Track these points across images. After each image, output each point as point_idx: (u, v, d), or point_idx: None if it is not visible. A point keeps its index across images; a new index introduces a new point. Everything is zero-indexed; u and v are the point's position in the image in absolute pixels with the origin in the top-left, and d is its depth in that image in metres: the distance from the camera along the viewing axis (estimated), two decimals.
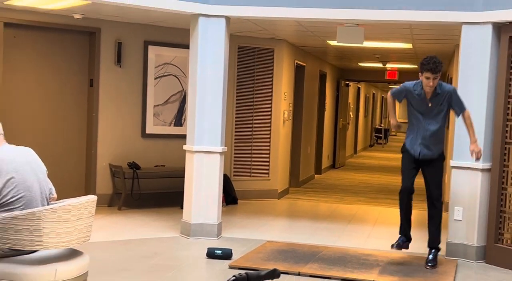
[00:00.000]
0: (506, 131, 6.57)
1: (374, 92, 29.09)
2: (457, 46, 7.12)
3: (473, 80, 6.72)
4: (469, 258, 6.69)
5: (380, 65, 14.79)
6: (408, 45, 10.22)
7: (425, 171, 6.46)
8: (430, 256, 6.41)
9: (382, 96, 34.01)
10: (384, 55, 12.45)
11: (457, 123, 6.83)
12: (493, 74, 6.64)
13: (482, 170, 6.66)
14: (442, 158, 6.50)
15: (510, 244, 6.50)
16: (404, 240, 6.50)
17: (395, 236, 6.49)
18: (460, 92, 6.80)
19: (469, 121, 6.27)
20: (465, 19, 6.71)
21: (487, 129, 6.67)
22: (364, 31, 7.61)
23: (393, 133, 37.83)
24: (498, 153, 6.57)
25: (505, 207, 6.56)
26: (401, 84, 6.48)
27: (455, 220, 6.82)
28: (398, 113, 24.81)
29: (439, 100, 6.22)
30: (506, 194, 6.55)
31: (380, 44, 10.08)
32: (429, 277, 5.93)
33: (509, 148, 6.55)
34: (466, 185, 6.76)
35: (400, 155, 6.56)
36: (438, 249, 6.48)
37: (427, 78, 6.06)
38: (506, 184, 6.55)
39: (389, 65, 14.94)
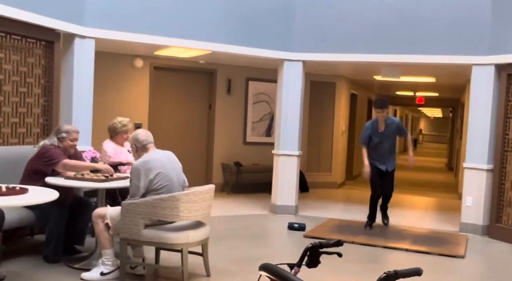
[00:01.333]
0: (504, 142, 6.37)
1: (406, 113, 28.40)
2: (469, 80, 6.90)
3: (481, 105, 6.51)
4: (477, 234, 6.47)
5: (411, 93, 14.45)
6: (432, 79, 9.96)
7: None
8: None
9: (412, 116, 33.15)
10: (415, 86, 12.16)
11: (468, 135, 6.64)
12: (495, 101, 6.44)
13: (487, 170, 6.44)
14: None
15: (507, 224, 6.27)
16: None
17: (422, 216, 6.33)
18: (471, 114, 6.63)
19: (409, 142, 6.81)
20: (474, 62, 6.51)
21: (491, 140, 6.44)
22: (400, 69, 7.48)
23: (420, 143, 36.84)
24: (498, 158, 6.37)
25: (503, 197, 6.34)
26: (362, 130, 6.53)
27: (466, 206, 6.60)
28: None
29: (390, 127, 6.36)
30: (504, 187, 6.34)
31: (412, 78, 9.86)
32: (447, 246, 5.76)
33: (506, 154, 6.33)
34: (475, 180, 6.54)
35: (430, 159, 6.46)
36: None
37: (378, 112, 6.34)
38: (504, 180, 6.34)
39: (418, 93, 14.60)
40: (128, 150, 5.28)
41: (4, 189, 3.49)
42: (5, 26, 4.81)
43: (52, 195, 3.57)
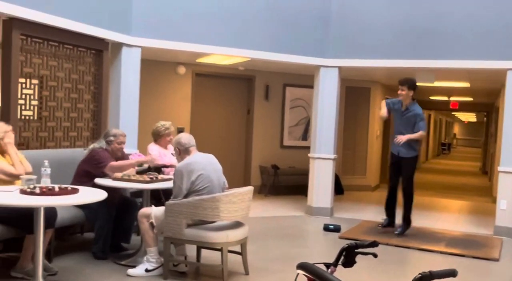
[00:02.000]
0: None
1: (440, 117, 27.78)
2: (503, 85, 6.73)
3: None
4: (511, 237, 6.28)
5: (446, 98, 14.14)
6: (467, 84, 9.74)
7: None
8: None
9: (446, 120, 32.46)
10: (449, 91, 11.91)
11: (503, 139, 6.47)
12: None
13: None
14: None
15: None
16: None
17: (456, 219, 6.15)
18: (506, 119, 6.45)
19: (417, 135, 5.85)
20: (509, 66, 6.36)
21: None
22: (434, 74, 7.35)
23: (454, 147, 36.03)
24: None
25: None
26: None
27: (501, 209, 6.42)
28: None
29: (409, 112, 5.93)
30: None
31: (446, 83, 9.67)
32: (482, 249, 5.62)
33: None
34: (510, 184, 6.36)
35: (464, 163, 6.23)
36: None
37: (398, 89, 5.95)
38: None
39: (452, 98, 14.28)
40: (171, 153, 5.35)
41: (57, 189, 3.59)
42: (59, 36, 4.96)
43: (100, 195, 3.65)
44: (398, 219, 6.17)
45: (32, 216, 3.55)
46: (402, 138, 5.82)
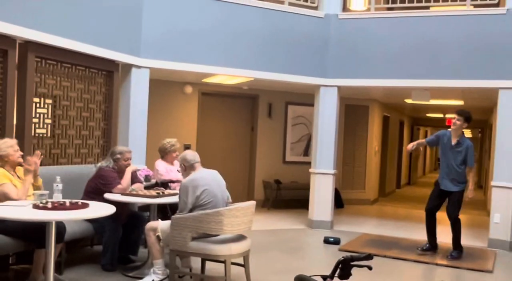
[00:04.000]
0: None
1: None
2: (496, 103, 6.72)
3: (508, 126, 6.36)
4: (505, 249, 6.24)
5: (441, 115, 14.13)
6: (461, 102, 9.73)
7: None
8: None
9: None
10: (444, 109, 11.90)
11: (496, 155, 6.44)
12: None
13: None
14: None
15: None
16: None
17: (449, 233, 6.01)
18: (498, 135, 6.44)
19: (471, 175, 5.60)
20: (501, 85, 6.37)
21: None
22: (430, 93, 7.35)
23: None
24: None
25: None
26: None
27: (494, 222, 6.38)
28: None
29: (460, 146, 5.62)
30: None
31: (441, 101, 9.66)
32: (476, 261, 5.57)
33: None
34: (503, 198, 6.32)
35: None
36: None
37: (453, 118, 5.68)
38: None
39: (447, 115, 14.26)
40: (177, 170, 5.35)
41: (68, 204, 3.59)
42: (71, 58, 5.00)
43: (109, 210, 3.65)
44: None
45: (43, 230, 3.54)
46: (469, 195, 5.57)
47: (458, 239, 5.74)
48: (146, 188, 4.76)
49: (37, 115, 4.76)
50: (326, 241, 6.28)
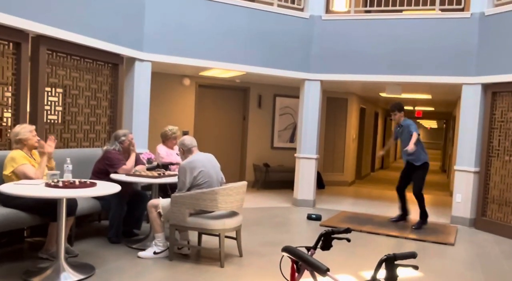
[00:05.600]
0: (489, 149, 6.19)
1: None
2: (459, 97, 6.75)
3: (469, 118, 6.37)
4: (465, 225, 6.32)
5: (411, 107, 14.18)
6: (429, 96, 9.76)
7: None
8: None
9: None
10: (414, 102, 11.94)
11: (459, 143, 6.48)
12: (481, 114, 6.29)
13: (474, 172, 6.29)
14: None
15: (491, 217, 6.09)
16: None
17: (419, 210, 6.13)
18: (461, 126, 6.48)
19: (412, 138, 5.76)
20: (464, 81, 6.37)
21: (477, 147, 6.29)
22: (401, 88, 7.36)
23: None
24: (484, 162, 6.21)
25: (488, 194, 6.17)
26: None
27: (456, 202, 6.44)
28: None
29: (404, 127, 6.01)
30: (488, 187, 6.17)
31: (411, 95, 9.69)
32: (440, 235, 5.62)
33: (491, 159, 6.16)
34: (464, 181, 6.38)
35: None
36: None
37: (391, 114, 6.13)
38: (489, 181, 6.17)
39: (417, 108, 14.32)
40: (176, 153, 5.32)
41: (77, 183, 3.56)
42: (80, 52, 4.92)
43: (114, 188, 3.62)
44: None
45: (56, 206, 3.51)
46: (409, 148, 5.69)
47: (423, 208, 6.05)
48: (148, 169, 4.72)
49: (49, 103, 4.68)
50: (309, 217, 6.31)
